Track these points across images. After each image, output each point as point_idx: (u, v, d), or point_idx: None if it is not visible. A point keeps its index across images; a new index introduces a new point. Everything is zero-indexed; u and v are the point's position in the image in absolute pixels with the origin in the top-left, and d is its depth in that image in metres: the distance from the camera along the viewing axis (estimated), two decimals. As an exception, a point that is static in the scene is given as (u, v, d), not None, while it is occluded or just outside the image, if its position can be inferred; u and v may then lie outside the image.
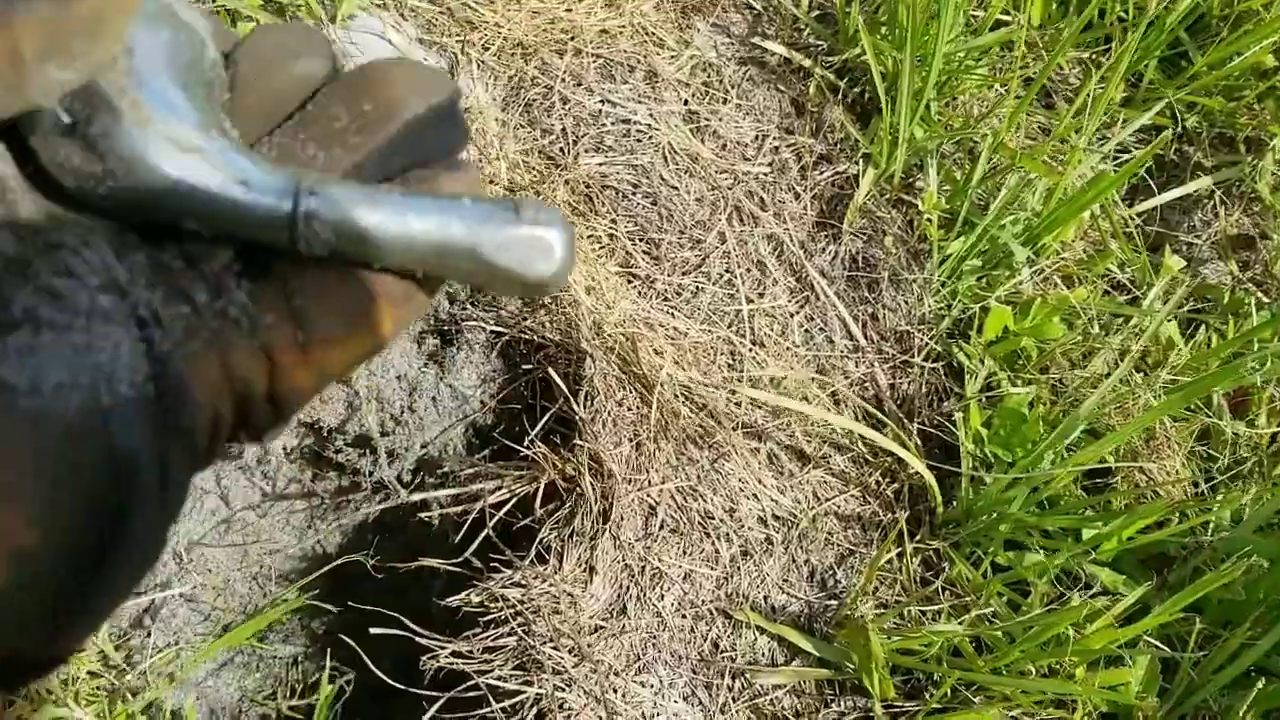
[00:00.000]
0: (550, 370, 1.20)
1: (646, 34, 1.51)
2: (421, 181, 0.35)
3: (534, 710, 1.09)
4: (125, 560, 0.28)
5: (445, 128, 0.36)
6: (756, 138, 1.48)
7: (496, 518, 1.17)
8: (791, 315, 1.39)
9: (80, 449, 0.27)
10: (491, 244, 0.33)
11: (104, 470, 0.27)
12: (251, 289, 0.32)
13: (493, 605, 1.11)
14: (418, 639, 1.10)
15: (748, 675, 1.19)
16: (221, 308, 0.31)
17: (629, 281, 1.34)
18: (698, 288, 1.35)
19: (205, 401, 0.31)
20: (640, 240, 1.36)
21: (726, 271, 1.38)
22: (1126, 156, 1.59)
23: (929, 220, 1.41)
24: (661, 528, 1.20)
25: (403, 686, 1.11)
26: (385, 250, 0.32)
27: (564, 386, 1.19)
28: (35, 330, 0.27)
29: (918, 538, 1.30)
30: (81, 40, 0.27)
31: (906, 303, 1.42)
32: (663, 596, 1.18)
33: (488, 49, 1.42)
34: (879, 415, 1.35)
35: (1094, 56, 1.65)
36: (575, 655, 1.12)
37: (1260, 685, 1.11)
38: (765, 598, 1.23)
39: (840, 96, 1.53)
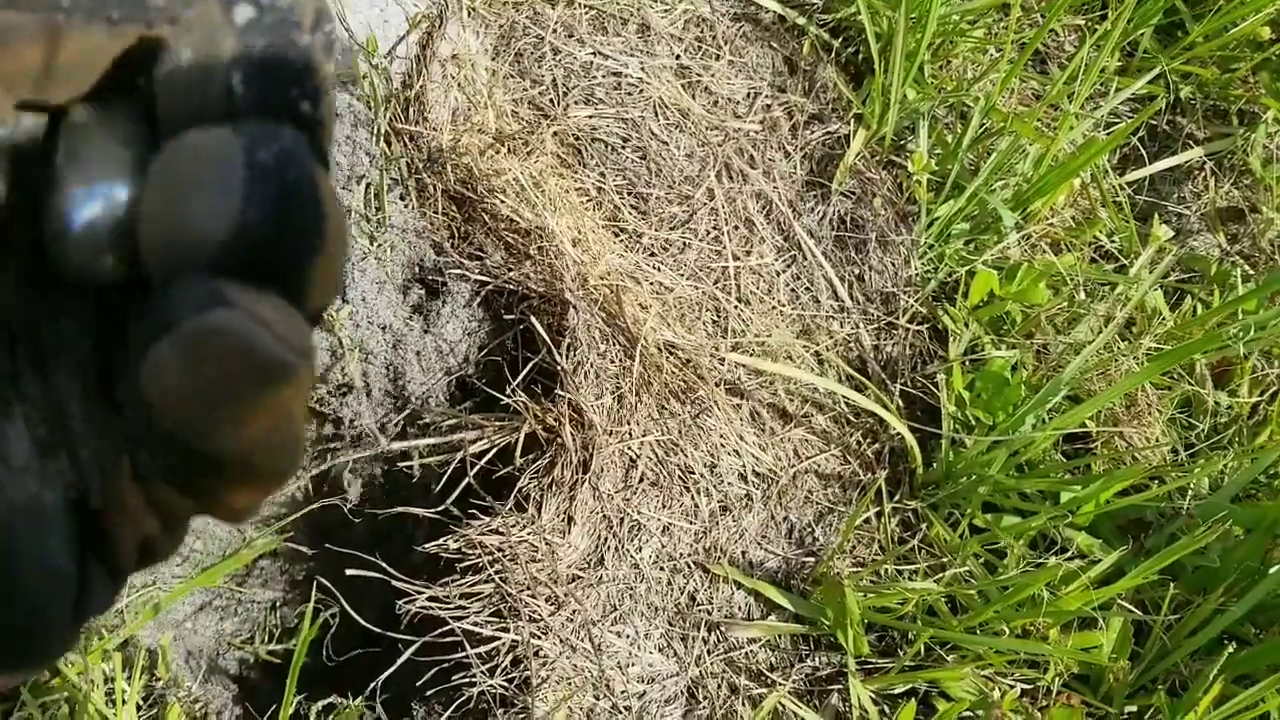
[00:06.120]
0: (534, 320, 1.20)
1: (640, -13, 1.49)
2: None
3: (510, 656, 1.09)
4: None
5: None
6: (748, 95, 1.47)
7: (477, 467, 1.17)
8: (778, 274, 1.38)
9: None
10: None
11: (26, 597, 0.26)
12: None
13: (470, 552, 1.12)
14: (395, 583, 1.10)
15: (723, 629, 1.20)
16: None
17: (615, 235, 1.33)
18: (684, 243, 1.35)
19: (130, 529, 0.29)
20: (628, 194, 1.35)
21: (714, 228, 1.37)
22: (1119, 124, 1.59)
23: (918, 182, 1.41)
24: (641, 480, 1.20)
25: (379, 630, 1.12)
26: None
27: (546, 337, 1.19)
28: None
29: (896, 498, 1.30)
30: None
31: (893, 264, 1.42)
32: (641, 548, 1.19)
33: (479, -3, 1.40)
34: (862, 377, 1.35)
35: (1090, 23, 1.64)
36: (552, 604, 1.13)
37: (1230, 651, 1.12)
38: (743, 553, 1.24)
39: (834, 56, 1.52)
